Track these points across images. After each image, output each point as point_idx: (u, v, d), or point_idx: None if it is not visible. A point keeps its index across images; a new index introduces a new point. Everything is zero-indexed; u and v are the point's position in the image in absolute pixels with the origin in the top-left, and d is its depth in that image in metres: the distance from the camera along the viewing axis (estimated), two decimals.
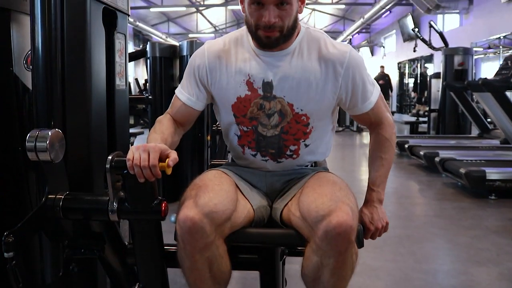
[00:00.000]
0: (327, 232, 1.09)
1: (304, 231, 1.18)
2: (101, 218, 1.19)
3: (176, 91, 1.44)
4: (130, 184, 1.14)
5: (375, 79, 13.02)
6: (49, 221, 1.21)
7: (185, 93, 1.40)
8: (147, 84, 3.93)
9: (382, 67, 14.45)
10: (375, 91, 1.39)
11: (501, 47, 9.33)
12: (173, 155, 1.10)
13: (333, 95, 1.34)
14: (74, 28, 1.40)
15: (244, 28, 1.38)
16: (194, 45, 3.54)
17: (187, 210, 1.14)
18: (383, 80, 13.60)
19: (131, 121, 3.68)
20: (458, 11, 10.15)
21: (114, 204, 1.16)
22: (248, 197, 1.32)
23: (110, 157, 1.13)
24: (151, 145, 1.10)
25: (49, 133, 1.15)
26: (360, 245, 1.22)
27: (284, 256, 1.42)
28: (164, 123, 1.36)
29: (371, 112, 1.40)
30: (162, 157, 1.11)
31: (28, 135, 1.15)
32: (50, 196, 1.20)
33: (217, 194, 1.20)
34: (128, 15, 1.71)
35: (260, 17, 1.24)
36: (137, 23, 14.52)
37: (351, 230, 1.09)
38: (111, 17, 1.59)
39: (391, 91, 14.66)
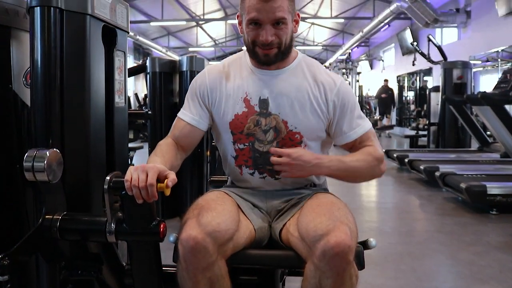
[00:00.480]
0: (325, 252, 1.08)
1: (302, 251, 1.18)
2: (98, 239, 1.18)
3: (179, 114, 1.46)
4: (128, 205, 1.13)
5: (378, 92, 12.73)
6: (46, 242, 1.19)
7: (188, 114, 1.43)
8: (147, 98, 3.92)
9: (386, 80, 14.36)
10: (366, 124, 1.42)
11: (499, 60, 9.37)
12: (172, 176, 1.10)
13: (323, 118, 1.39)
14: (74, 46, 1.40)
15: (242, 52, 1.46)
16: (194, 60, 3.55)
17: (189, 230, 1.13)
18: (386, 94, 13.47)
19: (131, 136, 3.67)
20: (456, 25, 10.20)
21: (112, 225, 1.15)
22: (249, 217, 1.31)
23: (108, 178, 1.12)
24: (149, 166, 1.10)
25: (47, 153, 1.14)
26: (361, 267, 1.20)
27: (284, 277, 1.40)
28: (164, 146, 1.36)
29: (358, 144, 1.41)
30: (161, 178, 1.10)
31: (26, 154, 1.14)
32: (47, 216, 1.19)
33: (219, 213, 1.19)
34: (128, 33, 1.71)
35: (257, 36, 1.31)
36: (138, 37, 14.59)
37: (349, 250, 1.08)
38: (110, 35, 1.59)
39: (394, 106, 14.61)
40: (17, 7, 1.65)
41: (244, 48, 1.44)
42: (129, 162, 3.89)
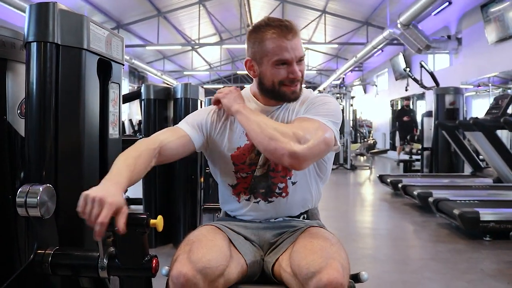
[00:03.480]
0: None
1: (294, 287, 1.17)
2: (90, 274, 1.18)
3: (179, 124, 1.45)
4: (121, 241, 1.13)
5: (397, 115, 11.19)
6: (37, 278, 1.18)
7: (189, 127, 1.42)
8: (141, 125, 3.94)
9: (407, 99, 12.16)
10: (322, 119, 1.31)
11: (490, 85, 9.50)
12: (122, 218, 1.06)
13: None
14: (69, 79, 1.42)
15: (244, 90, 1.50)
16: (188, 87, 3.58)
17: (180, 266, 1.13)
18: (408, 116, 11.28)
19: None
20: (448, 51, 10.35)
21: (105, 260, 1.15)
22: (241, 251, 1.31)
23: None
24: (108, 200, 1.04)
25: (40, 188, 1.14)
26: None
27: None
28: (142, 152, 1.27)
29: (297, 122, 1.33)
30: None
31: (19, 190, 1.15)
32: (39, 251, 1.19)
33: (210, 249, 1.19)
34: (123, 65, 1.73)
35: (287, 74, 1.36)
36: (133, 60, 14.68)
37: None
38: (106, 67, 1.61)
39: (416, 131, 10.91)
40: (14, 39, 1.68)
41: (247, 86, 1.48)
42: None
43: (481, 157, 6.78)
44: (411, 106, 12.26)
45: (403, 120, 11.37)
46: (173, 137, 1.38)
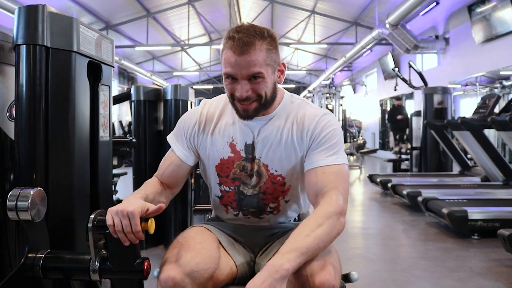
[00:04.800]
0: None
1: None
2: (82, 277, 1.18)
3: (169, 140, 1.45)
4: (113, 244, 1.13)
5: (389, 114, 10.79)
6: (28, 282, 1.18)
7: (178, 147, 1.41)
8: (131, 126, 3.92)
9: (398, 99, 11.94)
10: (336, 159, 1.28)
11: (477, 84, 9.61)
12: (152, 208, 1.11)
13: (301, 155, 1.35)
14: (59, 82, 1.42)
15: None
16: (178, 88, 3.57)
17: (168, 270, 1.14)
18: (402, 114, 10.91)
19: (115, 162, 3.65)
20: (435, 51, 10.45)
21: (96, 263, 1.15)
22: (231, 253, 1.32)
23: (92, 216, 1.12)
24: (130, 210, 1.09)
25: (31, 192, 1.14)
26: None
27: None
28: (149, 184, 1.36)
29: (320, 177, 1.26)
30: (142, 216, 1.11)
31: (10, 194, 1.14)
32: (30, 255, 1.18)
33: (198, 252, 1.20)
34: (113, 67, 1.73)
35: (234, 91, 1.27)
36: (122, 61, 14.62)
37: None
38: (96, 70, 1.61)
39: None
40: (3, 42, 1.66)
41: None
42: (113, 189, 3.86)
43: (469, 156, 6.86)
44: (403, 105, 11.87)
45: (396, 119, 11.09)
46: (167, 164, 1.41)
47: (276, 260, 1.09)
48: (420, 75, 8.01)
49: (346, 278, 1.33)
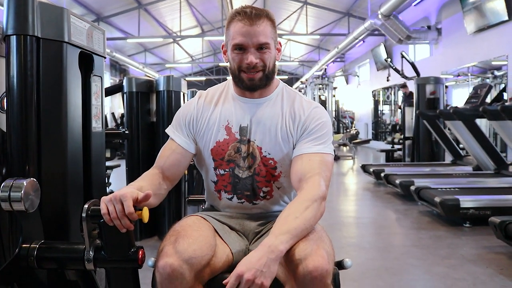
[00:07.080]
0: (303, 276, 1.10)
1: (280, 275, 1.20)
2: (77, 267, 1.18)
3: (169, 131, 1.47)
4: (107, 233, 1.13)
5: (405, 103, 10.22)
6: (23, 272, 1.18)
7: (177, 135, 1.44)
8: (124, 118, 3.91)
9: (403, 86, 10.47)
10: (323, 148, 1.35)
11: (469, 75, 9.65)
12: (140, 196, 1.12)
13: (292, 144, 1.41)
14: (50, 72, 1.41)
15: (227, 81, 1.50)
16: (171, 80, 3.56)
17: (166, 257, 1.15)
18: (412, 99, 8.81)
19: (108, 154, 3.64)
20: (428, 41, 10.46)
21: (90, 252, 1.15)
22: (227, 241, 1.33)
23: (86, 206, 1.12)
24: (121, 194, 1.10)
25: (24, 182, 1.14)
26: (336, 287, 1.23)
27: None
28: (145, 175, 1.37)
29: (305, 163, 1.32)
30: (136, 203, 1.11)
31: (3, 184, 1.14)
32: (24, 245, 1.18)
33: (196, 240, 1.21)
34: (105, 58, 1.73)
35: (242, 60, 1.35)
36: (114, 53, 14.50)
37: (326, 274, 1.11)
38: (87, 60, 1.60)
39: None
40: None
41: (229, 77, 1.47)
42: (106, 181, 3.85)
43: (461, 145, 6.91)
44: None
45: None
46: (169, 154, 1.42)
47: (271, 241, 1.11)
48: (413, 65, 8.03)
49: (340, 265, 1.35)
